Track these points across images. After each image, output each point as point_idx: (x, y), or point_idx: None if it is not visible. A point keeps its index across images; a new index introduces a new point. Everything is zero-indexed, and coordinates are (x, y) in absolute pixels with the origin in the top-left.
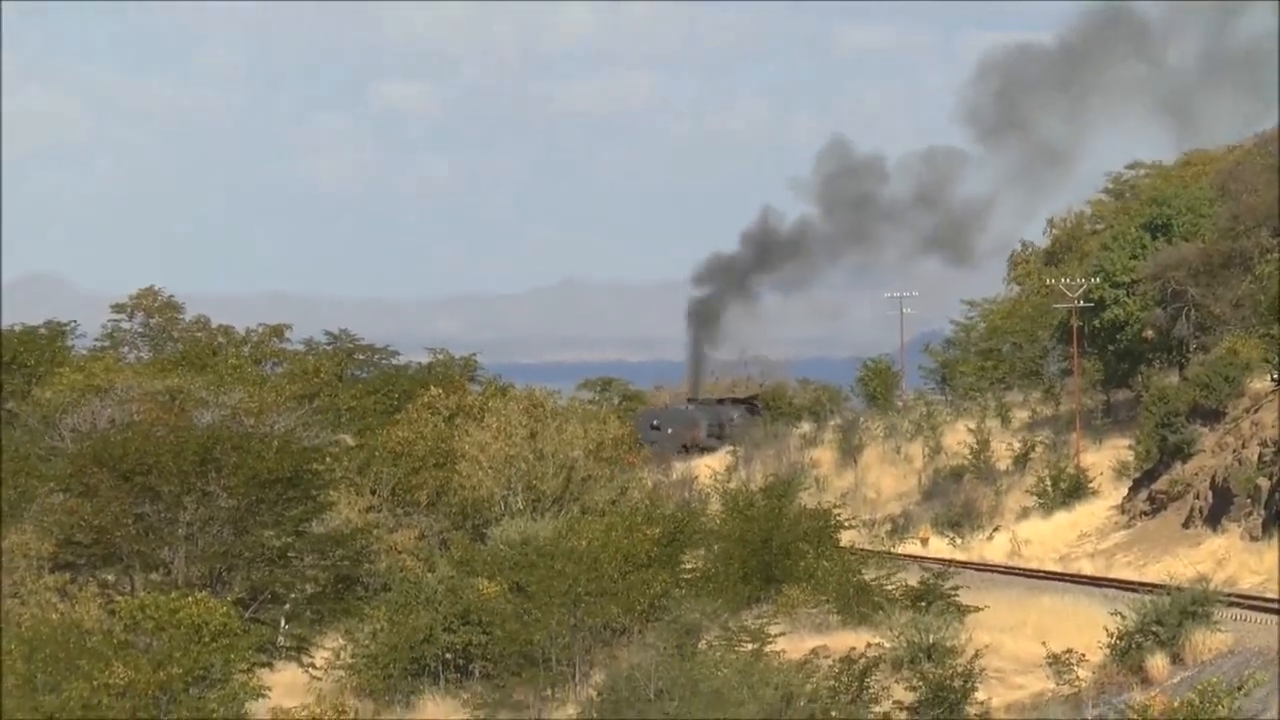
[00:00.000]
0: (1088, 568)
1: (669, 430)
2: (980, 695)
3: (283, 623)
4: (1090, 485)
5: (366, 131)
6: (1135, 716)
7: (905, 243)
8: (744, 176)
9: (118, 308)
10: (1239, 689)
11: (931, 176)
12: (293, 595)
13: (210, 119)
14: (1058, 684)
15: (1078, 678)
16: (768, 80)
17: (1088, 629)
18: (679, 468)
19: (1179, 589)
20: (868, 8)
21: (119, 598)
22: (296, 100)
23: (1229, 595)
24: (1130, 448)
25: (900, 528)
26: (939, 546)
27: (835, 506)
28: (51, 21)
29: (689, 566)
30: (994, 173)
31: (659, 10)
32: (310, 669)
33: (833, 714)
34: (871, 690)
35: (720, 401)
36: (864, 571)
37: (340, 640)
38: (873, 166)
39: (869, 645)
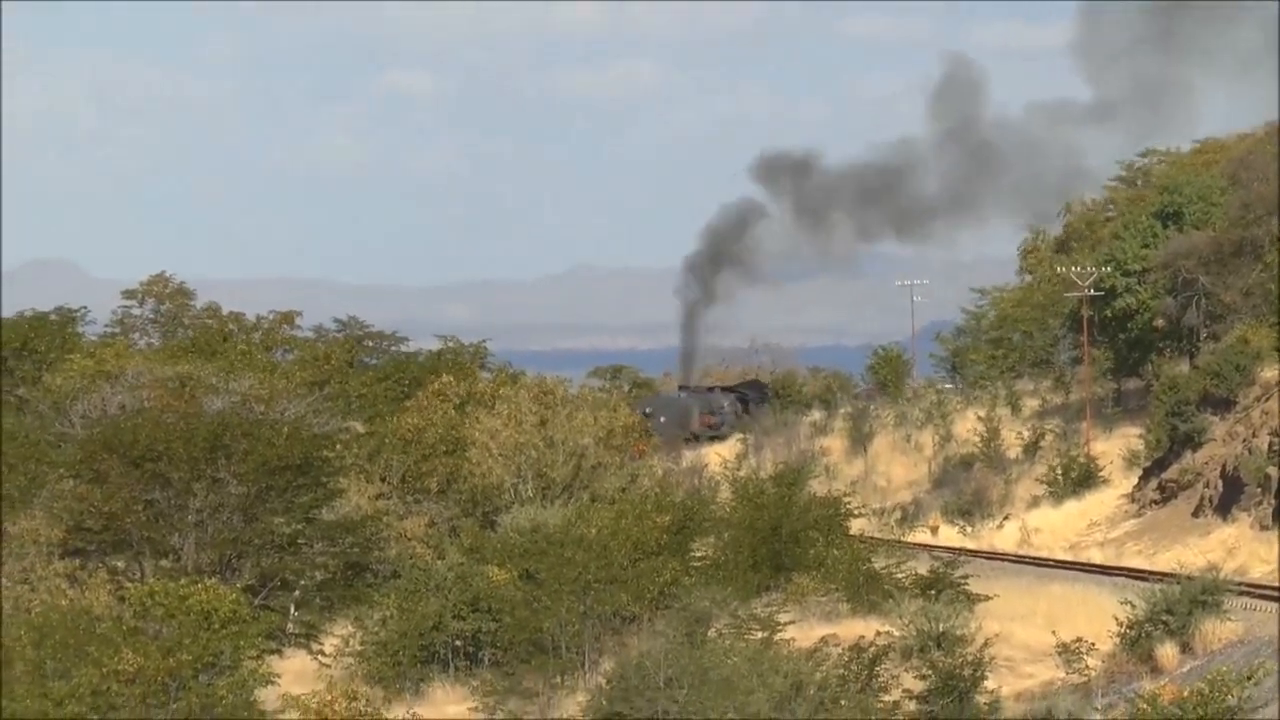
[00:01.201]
0: (1098, 556)
1: (661, 419)
2: (990, 684)
3: (292, 610)
4: (1100, 474)
5: (374, 120)
6: (1145, 705)
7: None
8: (745, 163)
9: (128, 294)
10: (1248, 678)
11: (1038, 133)
12: (302, 582)
13: (218, 107)
14: (1067, 673)
15: (1087, 666)
16: (770, 69)
17: (1098, 618)
18: (688, 455)
19: (1189, 578)
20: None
21: (129, 584)
22: (305, 88)
23: (1239, 584)
24: (1140, 436)
25: (910, 516)
26: (949, 535)
27: (845, 495)
28: (55, 10)
29: (699, 554)
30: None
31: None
32: (320, 656)
33: (842, 702)
34: (881, 679)
35: (711, 389)
36: (874, 560)
37: (350, 627)
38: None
39: (878, 634)
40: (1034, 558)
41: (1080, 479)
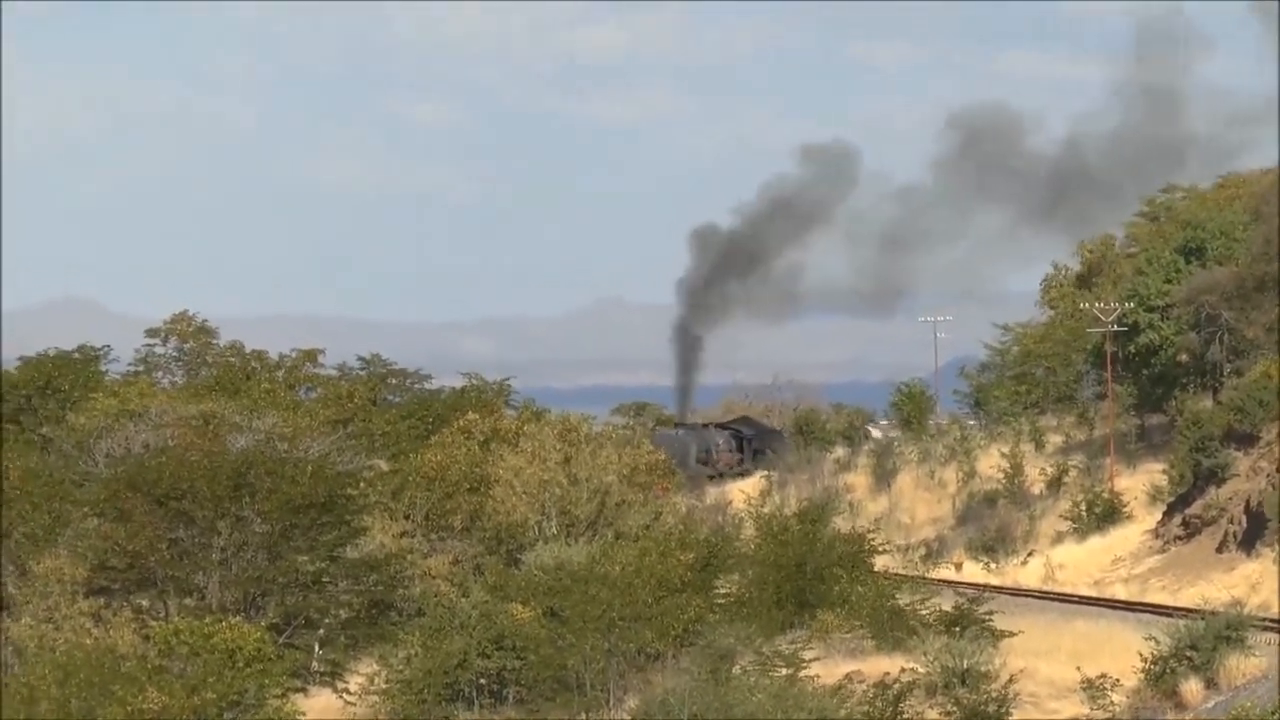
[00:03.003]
0: (1122, 592)
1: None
2: None
3: (317, 648)
4: (1124, 510)
5: (396, 152)
6: None
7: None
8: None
9: (151, 332)
10: (1273, 713)
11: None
12: (327, 620)
13: (236, 137)
14: (1092, 709)
15: (1112, 702)
16: (788, 93)
17: (1122, 654)
18: (712, 492)
19: (1213, 613)
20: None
21: (153, 623)
22: (323, 116)
23: (1263, 620)
24: (1164, 472)
25: (934, 552)
26: (973, 571)
27: (869, 531)
28: (67, 36)
29: (723, 591)
30: None
31: (678, 25)
32: (344, 694)
33: None
34: (906, 715)
35: (706, 426)
36: (898, 596)
37: (374, 665)
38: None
39: (903, 670)
40: (1058, 594)
41: (1104, 515)
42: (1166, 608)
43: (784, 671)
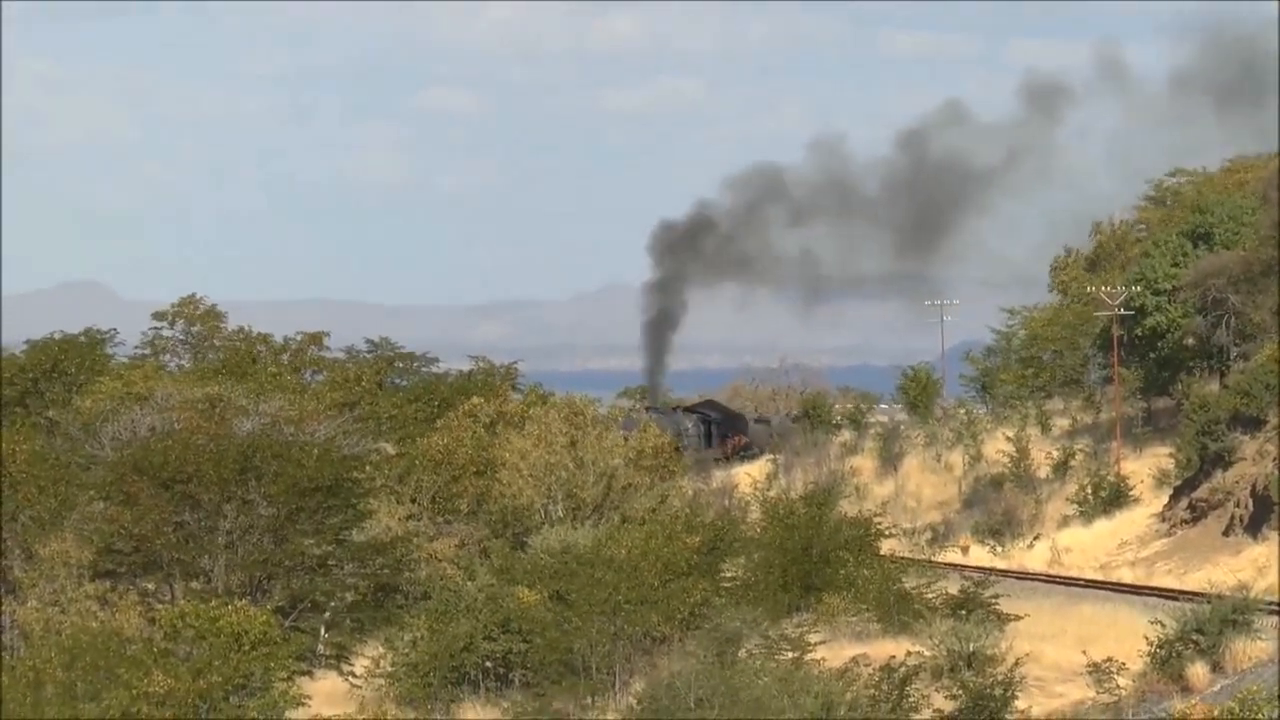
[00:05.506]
0: (1128, 576)
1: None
2: (1020, 703)
3: (323, 631)
4: (1131, 493)
5: (409, 137)
6: None
7: None
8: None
9: (158, 315)
10: (1279, 696)
11: None
12: (333, 603)
13: (252, 125)
14: (1098, 692)
15: (1118, 686)
16: (808, 86)
17: (1128, 637)
18: (718, 476)
19: (1219, 597)
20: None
21: (159, 606)
22: (342, 106)
23: (1270, 603)
24: (1171, 455)
25: (940, 536)
26: (979, 555)
27: (875, 515)
28: (93, 28)
29: (729, 575)
30: None
31: (698, 15)
32: (350, 677)
33: None
34: (912, 699)
35: (675, 410)
36: (904, 580)
37: (380, 648)
38: None
39: (909, 654)
40: (1064, 577)
41: (1110, 498)
42: (1172, 591)
43: (790, 655)
